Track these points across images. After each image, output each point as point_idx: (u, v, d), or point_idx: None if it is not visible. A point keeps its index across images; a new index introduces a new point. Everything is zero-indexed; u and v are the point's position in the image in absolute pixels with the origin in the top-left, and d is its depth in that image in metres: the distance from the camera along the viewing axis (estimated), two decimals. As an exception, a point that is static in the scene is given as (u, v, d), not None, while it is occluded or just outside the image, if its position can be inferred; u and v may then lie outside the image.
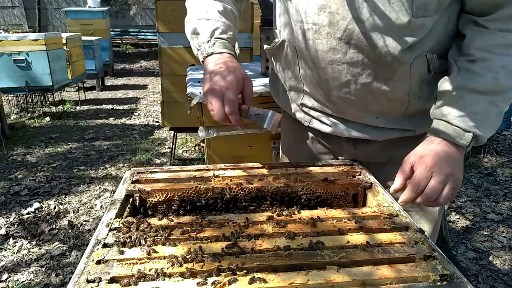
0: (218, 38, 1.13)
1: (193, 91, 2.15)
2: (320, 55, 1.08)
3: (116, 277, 0.71)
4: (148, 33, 12.91)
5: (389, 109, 1.15)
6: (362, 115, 1.17)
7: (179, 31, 3.66)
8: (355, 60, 1.05)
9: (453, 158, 0.97)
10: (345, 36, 1.02)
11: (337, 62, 1.07)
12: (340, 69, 1.08)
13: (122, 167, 4.15)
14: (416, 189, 0.93)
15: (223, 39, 1.13)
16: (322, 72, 1.11)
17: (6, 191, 3.59)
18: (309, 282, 0.69)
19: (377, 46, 1.01)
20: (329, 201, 1.09)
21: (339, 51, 1.05)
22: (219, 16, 1.17)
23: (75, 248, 2.78)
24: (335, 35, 1.03)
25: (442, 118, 1.00)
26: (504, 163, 4.13)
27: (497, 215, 3.16)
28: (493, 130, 1.01)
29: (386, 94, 1.10)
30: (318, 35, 1.05)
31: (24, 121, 5.68)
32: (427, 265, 0.74)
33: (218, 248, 0.79)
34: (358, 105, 1.14)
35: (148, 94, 7.75)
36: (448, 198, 0.95)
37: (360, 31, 1.00)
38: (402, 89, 1.09)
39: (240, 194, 1.05)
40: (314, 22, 1.05)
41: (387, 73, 1.06)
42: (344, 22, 1.01)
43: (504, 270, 2.53)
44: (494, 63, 0.96)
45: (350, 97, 1.12)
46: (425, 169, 0.94)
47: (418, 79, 1.08)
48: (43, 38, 5.24)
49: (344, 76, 1.09)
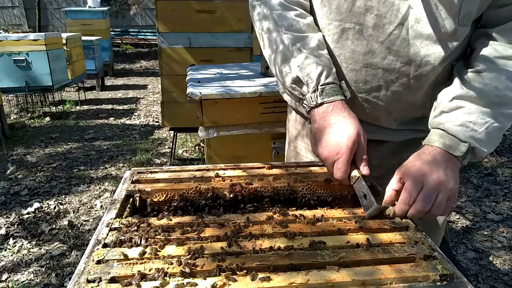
0: (326, 84, 1.01)
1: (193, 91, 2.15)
2: (356, 56, 1.06)
3: (116, 277, 0.70)
4: (148, 33, 12.91)
5: (410, 113, 1.15)
6: (383, 119, 1.16)
7: (179, 31, 3.66)
8: (392, 66, 1.04)
9: (445, 167, 0.92)
10: (388, 41, 1.01)
11: (373, 66, 1.05)
12: (374, 73, 1.06)
13: (122, 167, 4.15)
14: (407, 201, 0.90)
15: (331, 83, 1.01)
16: (354, 74, 1.09)
17: (6, 191, 3.59)
18: (310, 282, 0.69)
19: (419, 54, 1.00)
20: (329, 201, 1.09)
21: (378, 55, 1.03)
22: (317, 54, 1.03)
23: (75, 248, 2.78)
24: (377, 39, 1.02)
25: (438, 127, 0.98)
26: (504, 163, 4.13)
27: (497, 215, 3.16)
28: (492, 146, 0.98)
29: (413, 102, 1.09)
30: (360, 35, 1.03)
31: (24, 121, 5.68)
32: (427, 265, 0.74)
33: (218, 248, 0.79)
34: (382, 110, 1.13)
35: (148, 94, 7.75)
36: (442, 209, 0.91)
37: (404, 37, 0.99)
38: (426, 96, 1.09)
39: (240, 194, 1.05)
40: (357, 22, 1.02)
41: (420, 83, 1.04)
42: (390, 27, 0.99)
43: (504, 270, 2.53)
44: (499, 74, 0.95)
45: (377, 102, 1.11)
46: (415, 179, 0.90)
47: (441, 86, 1.06)
48: (43, 38, 5.25)
49: (377, 81, 1.07)
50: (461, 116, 0.96)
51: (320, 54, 1.04)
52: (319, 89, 1.01)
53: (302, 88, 1.03)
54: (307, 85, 1.02)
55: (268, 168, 1.17)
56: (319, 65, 1.02)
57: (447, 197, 0.91)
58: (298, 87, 1.04)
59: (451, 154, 0.94)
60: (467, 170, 3.93)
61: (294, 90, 1.06)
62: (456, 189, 0.93)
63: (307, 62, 1.02)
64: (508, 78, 0.95)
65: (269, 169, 1.17)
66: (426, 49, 0.99)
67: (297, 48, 1.04)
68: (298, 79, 1.03)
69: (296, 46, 1.04)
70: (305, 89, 1.03)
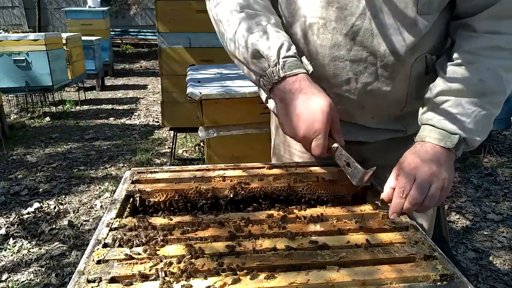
0: (287, 57, 0.96)
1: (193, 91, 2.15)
2: (323, 50, 1.06)
3: (117, 277, 0.70)
4: (148, 33, 12.90)
5: (386, 109, 1.15)
6: (358, 115, 1.17)
7: (179, 31, 3.66)
8: (358, 57, 1.04)
9: (437, 158, 0.94)
10: (351, 32, 1.01)
11: (340, 59, 1.06)
12: (342, 66, 1.07)
13: (122, 167, 4.15)
14: (401, 194, 0.91)
15: (291, 56, 0.96)
16: (324, 68, 1.09)
17: (6, 191, 3.59)
18: (310, 282, 0.69)
19: (382, 44, 1.01)
20: (329, 201, 1.09)
21: (344, 48, 1.04)
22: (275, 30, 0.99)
23: (75, 248, 2.78)
24: (341, 31, 1.02)
25: (427, 123, 0.99)
26: (504, 163, 4.13)
27: (497, 215, 3.16)
28: (484, 134, 0.98)
29: (385, 94, 1.10)
30: (324, 30, 1.04)
31: (24, 121, 5.68)
32: (427, 265, 0.74)
33: (218, 248, 0.79)
34: (355, 104, 1.14)
35: (148, 94, 7.75)
36: (436, 199, 0.92)
37: (367, 28, 1.00)
38: (401, 90, 1.09)
39: (240, 194, 1.05)
40: (321, 17, 1.02)
41: (389, 73, 1.05)
42: (352, 18, 1.00)
43: (504, 270, 2.53)
44: (481, 65, 0.96)
45: (349, 96, 1.12)
46: (407, 173, 0.92)
47: (417, 80, 1.08)
48: (43, 38, 5.25)
49: (346, 74, 1.08)
50: (448, 109, 0.97)
51: (278, 30, 1.00)
52: (281, 63, 0.94)
53: (262, 63, 0.97)
54: (267, 59, 0.96)
55: (268, 168, 1.17)
56: (279, 38, 0.97)
57: (441, 188, 0.92)
58: (258, 62, 0.98)
59: (443, 147, 0.95)
60: (467, 170, 3.93)
61: (255, 66, 0.99)
62: (450, 179, 0.94)
63: (266, 36, 0.97)
64: (490, 68, 0.95)
65: (269, 169, 1.17)
66: (390, 38, 1.00)
67: (255, 23, 0.99)
68: (258, 54, 0.97)
69: (254, 21, 1.00)
70: (265, 64, 0.96)
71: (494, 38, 0.95)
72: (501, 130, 4.74)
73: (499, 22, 0.95)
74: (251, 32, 0.98)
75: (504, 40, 0.95)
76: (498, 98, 0.98)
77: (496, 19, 0.95)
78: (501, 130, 4.85)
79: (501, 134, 4.99)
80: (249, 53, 0.98)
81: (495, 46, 0.95)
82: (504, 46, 0.95)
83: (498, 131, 4.88)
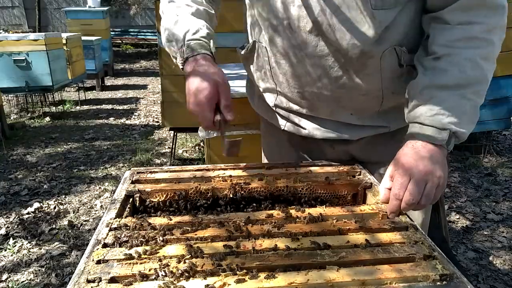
0: (191, 40, 1.07)
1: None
2: (291, 50, 1.09)
3: (116, 277, 0.71)
4: (148, 33, 12.91)
5: (364, 105, 1.15)
6: (336, 112, 1.17)
7: (179, 31, 3.66)
8: (325, 52, 1.06)
9: (430, 156, 0.94)
10: (314, 29, 1.03)
11: (309, 56, 1.07)
12: (311, 63, 1.08)
13: (122, 167, 4.15)
14: (397, 196, 0.92)
15: (195, 39, 1.08)
16: (294, 68, 1.11)
17: (6, 191, 3.59)
18: (309, 282, 0.69)
19: (345, 38, 1.02)
20: (329, 201, 1.09)
21: (310, 45, 1.06)
22: (190, 17, 1.12)
23: (75, 248, 2.78)
24: (305, 29, 1.04)
25: (415, 121, 0.99)
26: (504, 163, 4.13)
27: (497, 215, 3.16)
28: (472, 124, 0.98)
29: (358, 88, 1.10)
30: (289, 30, 1.06)
31: (24, 121, 5.68)
32: (427, 265, 0.75)
33: (218, 248, 0.79)
34: (331, 101, 1.14)
35: (148, 94, 7.75)
36: (432, 198, 0.93)
37: (329, 23, 1.01)
38: (375, 83, 1.09)
39: (240, 194, 1.05)
40: (283, 17, 1.05)
41: (357, 66, 1.06)
42: (312, 15, 1.01)
43: (504, 270, 2.53)
44: (459, 57, 0.96)
45: (323, 92, 1.12)
46: (401, 174, 0.93)
47: (390, 73, 1.08)
48: (43, 38, 5.25)
49: (315, 70, 1.09)
50: (434, 105, 0.96)
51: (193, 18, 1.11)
52: (186, 45, 1.06)
53: (173, 46, 1.09)
54: (176, 42, 1.08)
55: (268, 168, 1.17)
56: (188, 24, 1.09)
57: (436, 186, 0.93)
58: (170, 45, 1.10)
59: (435, 144, 0.95)
60: (467, 170, 3.94)
61: (169, 49, 1.12)
62: (444, 176, 0.94)
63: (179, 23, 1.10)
64: (468, 59, 0.95)
65: (269, 169, 1.17)
66: (351, 32, 1.01)
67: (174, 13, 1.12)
68: (170, 38, 1.10)
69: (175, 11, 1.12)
70: (175, 48, 1.09)
71: (467, 28, 0.95)
72: (501, 130, 4.74)
73: (470, 12, 0.95)
74: (169, 19, 1.12)
75: (478, 30, 0.95)
76: (481, 87, 0.98)
77: (467, 10, 0.95)
78: (501, 130, 4.85)
79: (501, 134, 4.99)
80: (164, 37, 1.12)
81: (470, 36, 0.95)
82: (479, 35, 0.95)
83: (498, 131, 4.87)
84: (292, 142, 1.33)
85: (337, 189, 1.10)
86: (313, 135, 1.23)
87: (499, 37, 0.98)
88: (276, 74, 1.18)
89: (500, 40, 0.98)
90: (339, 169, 1.18)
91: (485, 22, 0.95)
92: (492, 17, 0.95)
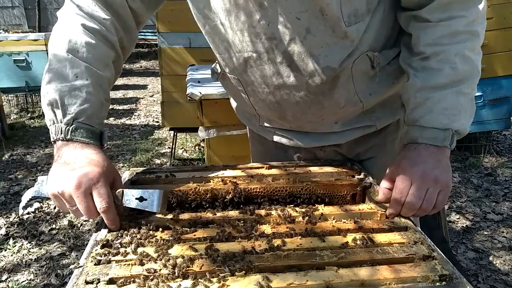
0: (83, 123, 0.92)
1: (193, 91, 2.15)
2: (265, 80, 1.06)
3: (115, 278, 0.70)
4: (148, 33, 12.87)
5: (346, 113, 1.14)
6: (320, 126, 1.17)
7: (179, 31, 3.66)
8: (299, 81, 1.03)
9: (432, 160, 0.93)
10: (285, 60, 1.00)
11: (283, 86, 1.05)
12: (287, 91, 1.06)
13: (122, 167, 4.15)
14: (398, 201, 0.91)
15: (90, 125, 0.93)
16: (272, 95, 1.09)
17: (6, 191, 3.59)
18: (308, 283, 0.69)
19: (319, 62, 0.99)
20: (328, 201, 1.09)
21: (283, 75, 1.03)
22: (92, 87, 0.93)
23: (75, 248, 2.78)
24: (275, 60, 1.01)
25: (415, 124, 0.97)
26: (504, 163, 4.13)
27: (497, 215, 3.16)
28: (470, 118, 0.97)
29: (336, 103, 1.09)
30: (260, 61, 1.03)
31: (24, 121, 5.68)
32: (426, 265, 0.74)
33: (217, 249, 0.79)
34: (314, 117, 1.14)
35: (148, 94, 7.75)
36: (433, 203, 0.91)
37: (300, 51, 0.98)
38: (349, 92, 1.07)
39: (239, 195, 1.05)
40: (253, 50, 1.01)
41: (330, 84, 1.04)
42: (282, 46, 0.98)
43: (504, 270, 2.53)
44: (447, 54, 0.94)
45: (304, 115, 1.12)
46: (403, 179, 0.92)
47: (363, 78, 1.06)
48: (43, 38, 5.25)
49: (292, 98, 1.07)
50: (433, 106, 0.95)
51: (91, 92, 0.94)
52: (74, 125, 0.91)
53: (57, 115, 0.92)
54: (63, 113, 0.91)
55: (267, 168, 1.17)
56: (88, 101, 0.92)
57: (438, 191, 0.91)
58: (53, 111, 0.93)
59: (438, 146, 0.94)
60: (467, 170, 3.93)
61: (47, 112, 0.94)
62: (447, 179, 0.93)
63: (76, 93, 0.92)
64: (457, 54, 0.94)
65: (268, 169, 1.17)
66: (324, 55, 0.98)
67: (73, 74, 0.93)
68: (56, 104, 0.92)
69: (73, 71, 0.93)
70: (59, 117, 0.91)
71: (450, 24, 0.94)
72: (501, 130, 4.74)
73: (449, 7, 0.94)
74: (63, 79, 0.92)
75: (460, 24, 0.94)
76: (474, 80, 0.97)
77: (446, 6, 0.94)
78: (501, 130, 4.84)
79: (501, 134, 4.99)
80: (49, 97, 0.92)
81: (454, 31, 0.94)
82: (462, 29, 0.94)
83: (499, 131, 4.87)
84: (281, 148, 1.32)
85: (337, 189, 1.09)
86: (301, 145, 1.22)
87: (482, 27, 0.97)
88: (254, 101, 1.16)
89: (483, 29, 0.97)
90: (339, 169, 1.17)
91: (465, 15, 0.94)
92: (471, 8, 0.94)
